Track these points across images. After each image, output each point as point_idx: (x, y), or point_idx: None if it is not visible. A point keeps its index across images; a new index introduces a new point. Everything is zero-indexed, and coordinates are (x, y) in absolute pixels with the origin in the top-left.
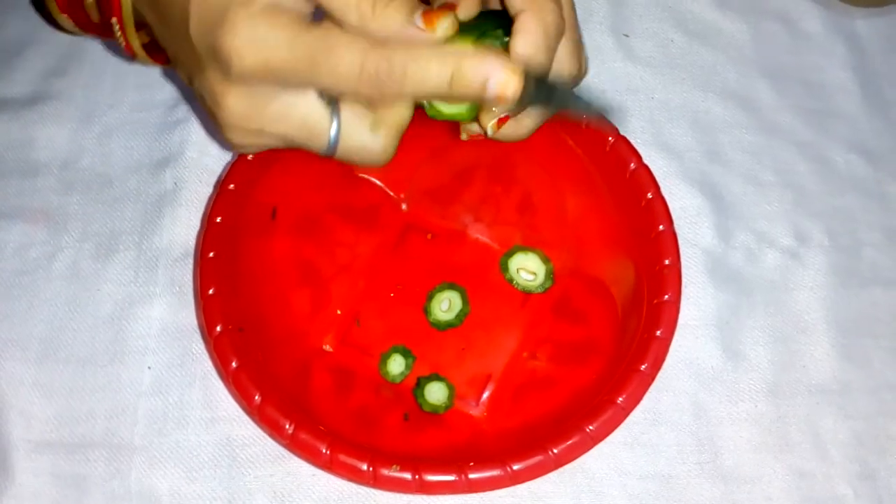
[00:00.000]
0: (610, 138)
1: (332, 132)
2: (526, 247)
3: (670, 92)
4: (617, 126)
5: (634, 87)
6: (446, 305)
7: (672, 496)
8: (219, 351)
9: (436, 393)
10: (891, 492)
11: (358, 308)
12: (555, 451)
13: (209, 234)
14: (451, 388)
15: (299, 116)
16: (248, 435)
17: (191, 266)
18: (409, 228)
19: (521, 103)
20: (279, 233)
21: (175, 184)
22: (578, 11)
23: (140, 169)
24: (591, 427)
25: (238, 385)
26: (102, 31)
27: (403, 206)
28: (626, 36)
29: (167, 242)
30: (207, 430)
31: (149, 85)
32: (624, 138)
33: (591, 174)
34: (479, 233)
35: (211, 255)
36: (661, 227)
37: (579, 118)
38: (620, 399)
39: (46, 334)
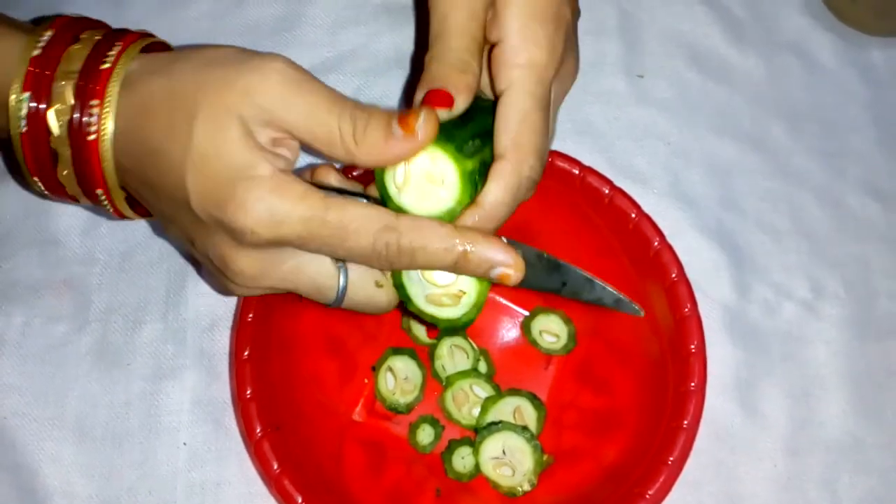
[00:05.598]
0: (633, 214)
1: (340, 287)
2: (547, 308)
3: (685, 136)
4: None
5: (649, 133)
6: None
7: None
8: (259, 456)
9: (465, 459)
10: None
11: None
12: None
13: (241, 333)
14: None
15: (309, 275)
16: None
17: (219, 336)
18: None
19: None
20: (307, 312)
21: None
22: (590, 54)
23: (161, 234)
24: None
25: (280, 490)
26: (76, 199)
27: None
28: (641, 77)
29: (193, 313)
30: None
31: None
32: (647, 216)
33: (612, 245)
34: (499, 294)
35: (245, 354)
36: (686, 309)
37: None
38: (650, 493)
39: (81, 412)
